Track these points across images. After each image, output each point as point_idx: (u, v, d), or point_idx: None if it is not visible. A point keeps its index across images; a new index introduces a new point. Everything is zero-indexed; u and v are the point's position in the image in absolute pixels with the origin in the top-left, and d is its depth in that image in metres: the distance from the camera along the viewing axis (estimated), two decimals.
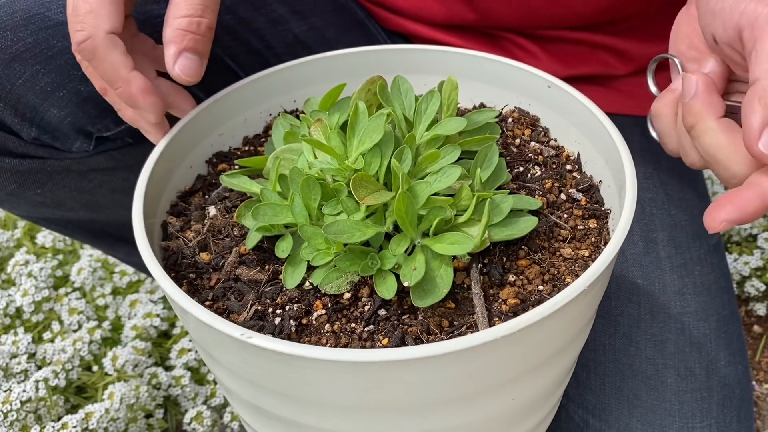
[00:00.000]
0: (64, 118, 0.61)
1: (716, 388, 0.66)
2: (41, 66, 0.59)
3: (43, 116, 0.60)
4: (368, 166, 0.44)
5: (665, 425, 0.63)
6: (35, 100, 0.60)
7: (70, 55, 0.62)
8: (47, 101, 0.60)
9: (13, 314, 0.92)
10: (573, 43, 0.76)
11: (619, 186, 0.46)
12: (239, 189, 0.49)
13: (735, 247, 1.06)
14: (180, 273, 0.47)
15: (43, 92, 0.60)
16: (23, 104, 0.60)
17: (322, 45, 0.77)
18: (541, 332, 0.38)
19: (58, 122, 0.61)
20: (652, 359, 0.66)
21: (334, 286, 0.42)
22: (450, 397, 0.39)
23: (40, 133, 0.61)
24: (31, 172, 0.65)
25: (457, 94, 0.50)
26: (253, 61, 0.73)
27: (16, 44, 0.59)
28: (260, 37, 0.74)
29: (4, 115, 0.60)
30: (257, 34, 0.74)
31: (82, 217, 0.76)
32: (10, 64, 0.58)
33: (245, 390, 0.43)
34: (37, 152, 0.63)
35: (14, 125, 0.60)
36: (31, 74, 0.59)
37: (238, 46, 0.72)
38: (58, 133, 0.62)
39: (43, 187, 0.67)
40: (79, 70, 0.62)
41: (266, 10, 0.74)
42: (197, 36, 0.49)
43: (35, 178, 0.66)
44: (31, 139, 0.62)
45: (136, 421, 0.84)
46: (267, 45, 0.75)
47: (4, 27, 0.59)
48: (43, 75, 0.60)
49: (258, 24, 0.74)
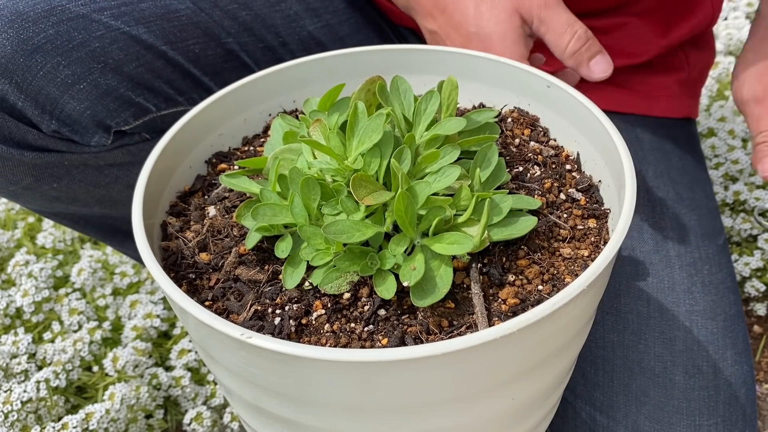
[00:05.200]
0: (84, 111, 0.61)
1: (723, 387, 0.66)
2: (62, 58, 0.59)
3: (63, 108, 0.60)
4: (368, 166, 0.44)
5: (673, 422, 0.63)
6: (55, 92, 0.59)
7: (90, 47, 0.62)
8: (67, 93, 0.60)
9: (14, 314, 0.93)
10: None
11: (619, 186, 0.46)
12: (239, 189, 0.49)
13: (735, 247, 1.06)
14: (179, 273, 0.47)
15: (63, 84, 0.60)
16: (43, 96, 0.59)
17: (336, 42, 0.78)
18: (540, 332, 0.38)
19: (77, 115, 0.61)
20: (660, 357, 0.66)
21: (333, 286, 0.42)
22: (450, 397, 0.39)
23: (60, 126, 0.61)
24: (49, 166, 0.65)
25: (457, 94, 0.50)
26: (267, 57, 0.74)
27: (37, 36, 0.59)
28: (275, 34, 0.74)
29: (24, 106, 0.59)
30: (273, 30, 0.74)
31: (96, 213, 0.76)
32: (31, 55, 0.58)
33: (245, 390, 0.43)
34: (56, 146, 0.63)
35: (34, 117, 0.60)
36: (52, 66, 0.59)
37: (254, 42, 0.72)
38: (78, 126, 0.62)
39: (60, 182, 0.67)
40: (100, 63, 0.62)
41: (282, 7, 0.75)
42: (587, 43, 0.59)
43: (52, 172, 0.66)
44: (51, 131, 0.61)
45: (136, 421, 0.84)
46: (282, 42, 0.75)
47: (26, 18, 0.59)
48: (63, 67, 0.59)
49: (273, 21, 0.74)
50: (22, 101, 0.59)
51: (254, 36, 0.72)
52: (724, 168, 1.11)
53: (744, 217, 1.05)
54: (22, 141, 0.62)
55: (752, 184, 1.08)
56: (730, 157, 1.11)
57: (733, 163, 1.10)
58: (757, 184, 1.08)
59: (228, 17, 0.71)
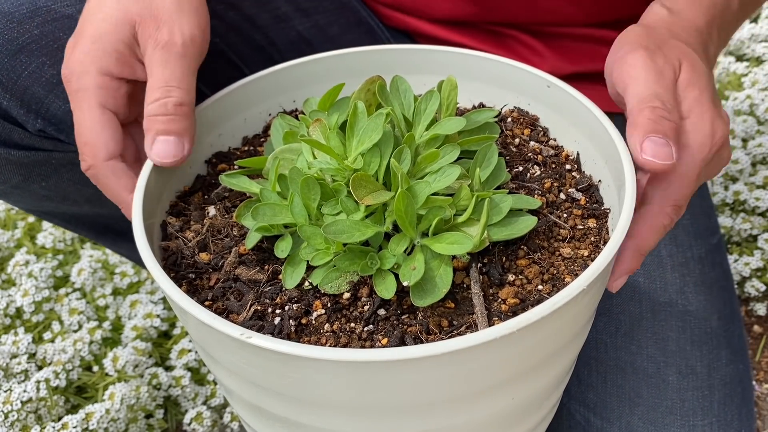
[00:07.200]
0: (69, 111, 0.61)
1: (717, 387, 0.66)
2: (47, 58, 0.60)
3: (48, 108, 0.60)
4: (367, 166, 0.44)
5: (666, 423, 0.63)
6: (41, 91, 0.60)
7: None
8: (52, 93, 0.60)
9: (14, 314, 0.93)
10: (578, 39, 0.76)
11: (619, 185, 0.46)
12: (239, 189, 0.49)
13: (735, 247, 1.06)
14: (179, 273, 0.47)
15: (48, 84, 0.60)
16: (29, 96, 0.60)
17: (325, 42, 0.78)
18: (540, 332, 0.38)
19: (63, 114, 0.61)
20: (653, 357, 0.66)
21: (333, 286, 0.42)
22: (450, 396, 0.39)
23: (46, 125, 0.61)
24: (36, 165, 0.65)
25: (457, 93, 0.50)
26: (257, 57, 0.74)
27: (22, 36, 0.59)
28: (264, 34, 0.74)
29: (9, 106, 0.60)
30: (261, 31, 0.74)
31: (87, 212, 0.76)
32: (16, 55, 0.58)
33: (245, 390, 0.43)
34: (42, 144, 0.63)
35: (19, 117, 0.61)
36: (37, 66, 0.59)
37: (243, 42, 0.72)
38: (63, 126, 0.62)
39: (48, 180, 0.67)
40: None
41: (271, 7, 0.74)
42: (167, 116, 0.49)
43: (40, 171, 0.66)
44: (36, 130, 0.62)
45: (136, 421, 0.84)
46: (271, 42, 0.75)
47: (10, 19, 0.59)
48: (48, 67, 0.60)
49: (262, 21, 0.74)
50: (8, 101, 0.59)
51: (242, 36, 0.72)
52: (724, 168, 1.11)
53: (744, 217, 1.05)
54: (8, 140, 0.62)
55: (752, 184, 1.08)
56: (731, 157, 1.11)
57: (733, 163, 1.10)
58: (757, 184, 1.08)
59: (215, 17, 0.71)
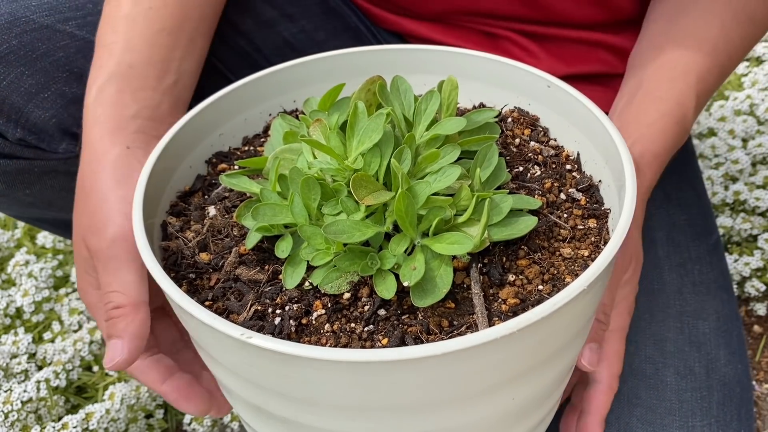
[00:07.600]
0: (49, 120, 0.61)
1: (716, 387, 0.66)
2: (26, 68, 0.60)
3: (28, 117, 0.61)
4: (368, 166, 0.44)
5: (665, 424, 0.63)
6: (20, 101, 0.60)
7: (54, 57, 0.62)
8: (32, 102, 0.60)
9: (14, 314, 0.93)
10: (573, 42, 0.76)
11: (619, 185, 0.46)
12: (239, 189, 0.49)
13: (735, 247, 1.06)
14: (180, 273, 0.47)
15: (27, 94, 0.60)
16: (8, 105, 0.60)
17: (312, 48, 0.77)
18: (540, 332, 0.38)
19: (43, 123, 0.61)
20: (651, 358, 0.66)
21: (333, 286, 0.42)
22: (450, 397, 0.39)
23: (26, 134, 0.62)
24: (19, 173, 0.65)
25: (457, 93, 0.50)
26: (241, 62, 0.73)
27: (0, 46, 0.59)
28: (249, 40, 0.74)
29: None
30: (246, 36, 0.74)
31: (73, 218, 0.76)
32: None
33: (245, 390, 0.43)
34: (23, 153, 0.64)
35: None
36: (16, 76, 0.60)
37: (226, 48, 0.72)
38: (44, 135, 0.62)
39: (32, 188, 0.67)
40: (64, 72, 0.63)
41: (255, 12, 0.74)
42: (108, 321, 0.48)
43: (23, 179, 0.66)
44: (17, 140, 0.62)
45: (136, 421, 0.84)
46: (255, 47, 0.75)
47: None
48: (27, 77, 0.60)
49: (246, 27, 0.74)
50: None
51: (226, 42, 0.72)
52: (724, 168, 1.11)
53: (744, 217, 1.05)
54: None
55: (752, 184, 1.09)
56: (730, 157, 1.11)
57: (733, 163, 1.11)
58: (757, 184, 1.08)
59: None
